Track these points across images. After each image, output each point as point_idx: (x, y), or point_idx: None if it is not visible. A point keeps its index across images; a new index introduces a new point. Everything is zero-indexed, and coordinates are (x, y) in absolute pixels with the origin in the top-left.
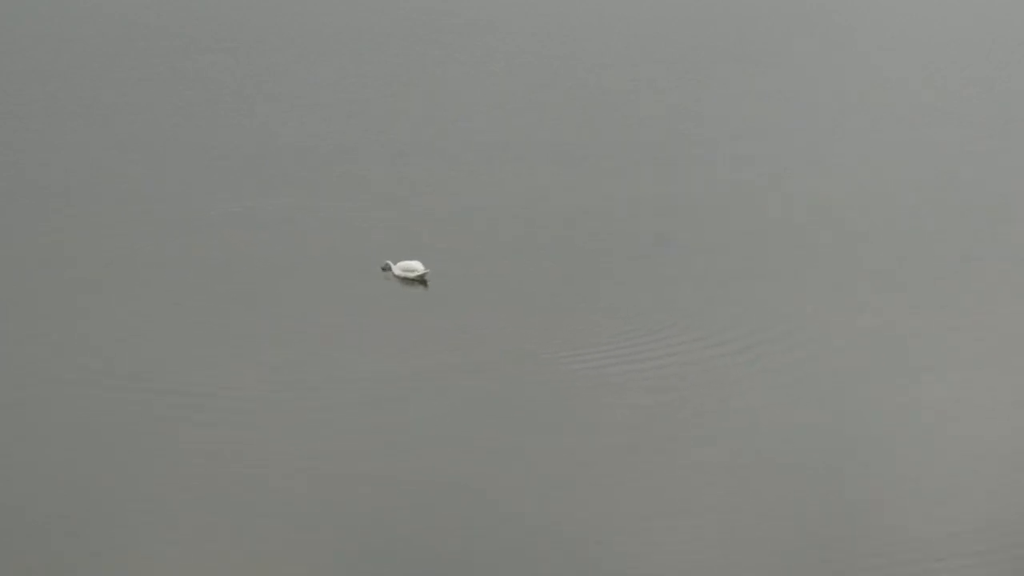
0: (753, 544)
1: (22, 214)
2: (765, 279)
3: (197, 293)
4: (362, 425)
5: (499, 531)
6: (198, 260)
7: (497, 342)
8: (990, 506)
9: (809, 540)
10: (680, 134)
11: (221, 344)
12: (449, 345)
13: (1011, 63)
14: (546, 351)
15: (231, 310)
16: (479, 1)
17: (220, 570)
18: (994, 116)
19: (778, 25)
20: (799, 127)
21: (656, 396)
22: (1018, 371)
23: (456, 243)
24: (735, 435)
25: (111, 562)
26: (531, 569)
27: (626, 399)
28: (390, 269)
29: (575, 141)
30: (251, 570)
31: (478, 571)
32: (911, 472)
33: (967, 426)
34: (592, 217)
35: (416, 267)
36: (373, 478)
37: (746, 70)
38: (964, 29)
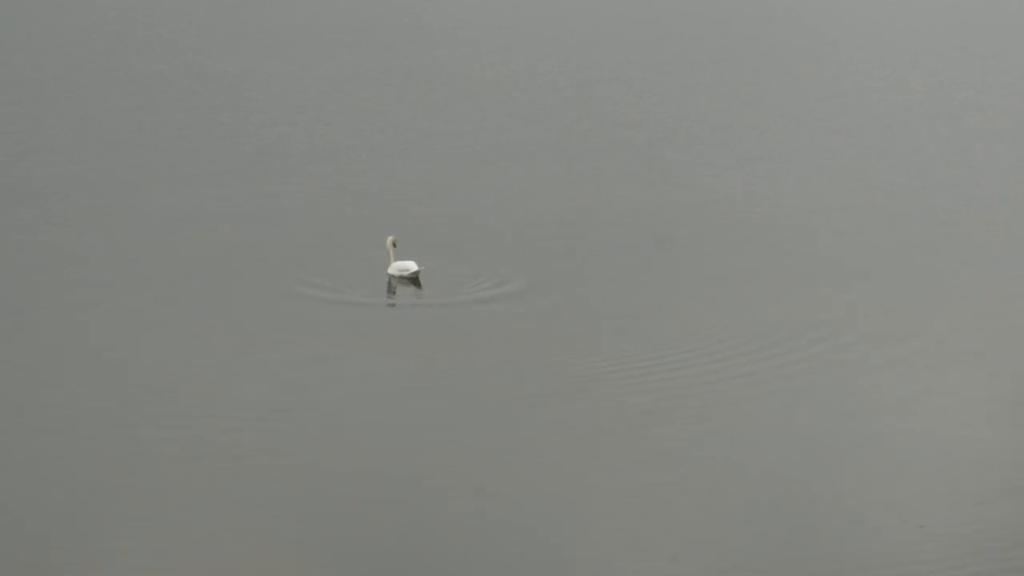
0: (738, 548)
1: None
2: (759, 282)
3: (195, 291)
4: (358, 426)
5: (495, 533)
6: (191, 258)
7: (492, 342)
8: (972, 509)
9: (794, 544)
10: (672, 136)
11: (221, 342)
12: (443, 345)
13: (999, 66)
14: (541, 352)
15: (230, 308)
16: (472, 3)
17: (214, 570)
18: (986, 116)
19: (771, 28)
20: (790, 129)
21: (653, 398)
22: (1003, 373)
23: (451, 244)
24: (728, 440)
25: (103, 563)
26: (526, 570)
27: (622, 402)
28: (392, 248)
29: (566, 143)
30: (248, 569)
31: (473, 571)
32: (896, 475)
33: (952, 428)
34: (588, 219)
35: (410, 266)
36: (370, 478)
37: (737, 72)
38: (956, 31)
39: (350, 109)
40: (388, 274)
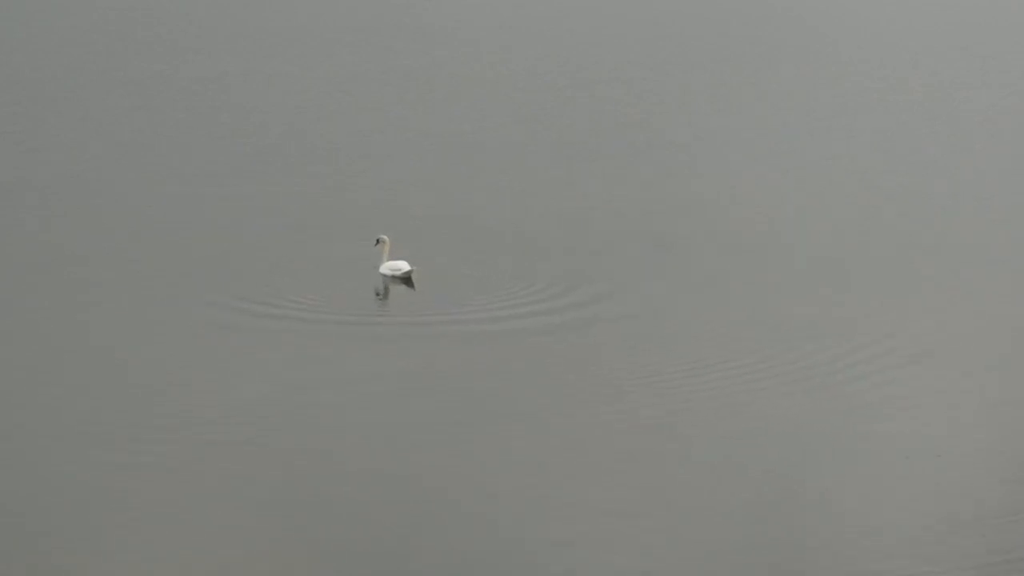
0: (738, 548)
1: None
2: (759, 282)
3: (195, 291)
4: (358, 426)
5: (495, 533)
6: (191, 258)
7: (491, 343)
8: (972, 509)
9: (794, 544)
10: (672, 136)
11: (221, 342)
12: (443, 345)
13: (999, 66)
14: (540, 352)
15: (230, 308)
16: (472, 3)
17: (214, 570)
18: (986, 116)
19: (771, 28)
20: (790, 129)
21: (652, 399)
22: (1003, 373)
23: (451, 244)
24: (728, 440)
25: (103, 563)
26: (525, 570)
27: (621, 402)
28: (382, 243)
29: (566, 143)
30: (248, 569)
31: (473, 571)
32: (896, 475)
33: (951, 428)
34: (588, 218)
35: (402, 266)
36: (370, 478)
37: (737, 72)
38: (956, 31)
39: (350, 109)
40: (380, 273)
